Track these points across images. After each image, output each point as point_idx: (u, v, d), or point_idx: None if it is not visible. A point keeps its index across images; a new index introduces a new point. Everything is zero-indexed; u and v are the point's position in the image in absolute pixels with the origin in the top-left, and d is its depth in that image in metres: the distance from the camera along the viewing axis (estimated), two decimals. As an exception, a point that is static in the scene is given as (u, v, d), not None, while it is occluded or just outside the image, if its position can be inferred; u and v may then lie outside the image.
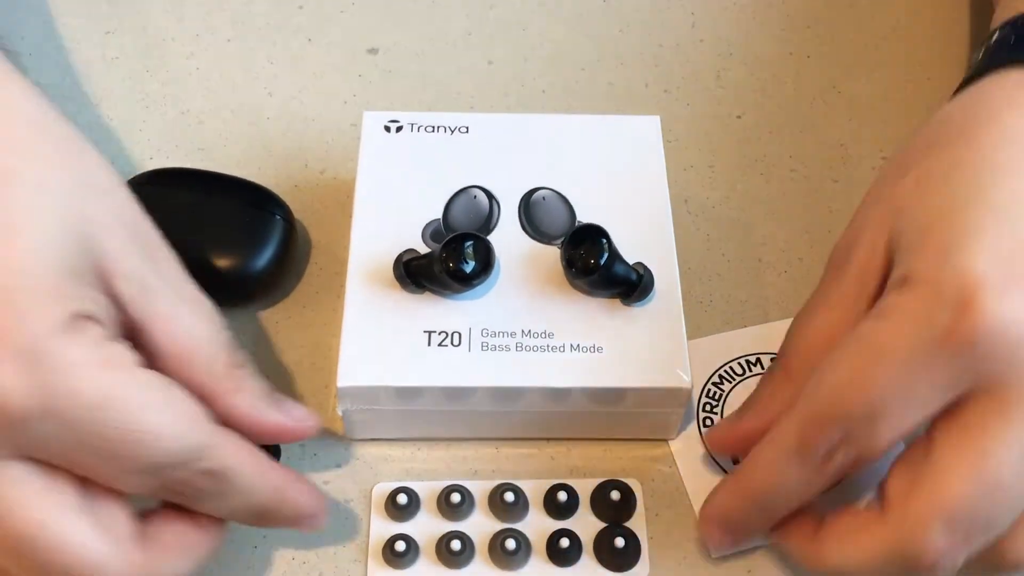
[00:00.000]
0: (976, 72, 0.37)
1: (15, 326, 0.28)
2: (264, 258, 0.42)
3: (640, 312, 0.39)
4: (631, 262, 0.39)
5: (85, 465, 0.30)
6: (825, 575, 0.34)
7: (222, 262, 0.41)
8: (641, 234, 0.40)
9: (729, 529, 0.36)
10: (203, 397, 0.32)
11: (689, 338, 0.39)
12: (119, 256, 0.31)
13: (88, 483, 0.31)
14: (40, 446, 0.29)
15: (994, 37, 0.38)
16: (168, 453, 0.30)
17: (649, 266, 0.39)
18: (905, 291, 0.32)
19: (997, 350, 0.30)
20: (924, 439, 0.32)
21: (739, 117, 0.50)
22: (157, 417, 0.30)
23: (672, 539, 0.38)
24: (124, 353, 0.31)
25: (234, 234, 0.42)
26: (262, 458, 0.34)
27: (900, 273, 0.32)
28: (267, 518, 0.34)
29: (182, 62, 0.52)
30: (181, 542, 0.33)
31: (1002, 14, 0.39)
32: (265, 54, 0.52)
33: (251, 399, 0.33)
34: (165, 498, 0.32)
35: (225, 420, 0.33)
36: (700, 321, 0.43)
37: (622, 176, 0.42)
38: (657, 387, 0.37)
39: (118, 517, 0.31)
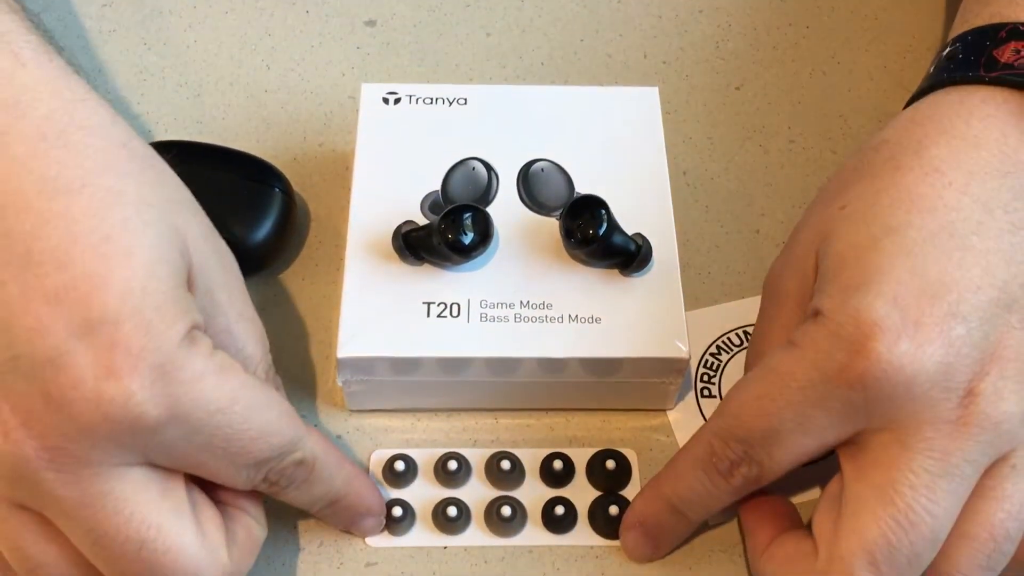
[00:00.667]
0: (922, 89, 0.37)
1: (146, 343, 0.29)
2: (263, 231, 0.42)
3: (638, 283, 0.39)
4: (630, 233, 0.39)
5: (201, 465, 0.32)
6: None
7: (222, 235, 0.41)
8: (640, 205, 0.40)
9: (647, 533, 0.37)
10: None
11: (687, 309, 0.39)
12: (201, 268, 0.33)
13: (191, 486, 0.32)
14: (164, 451, 0.31)
15: (946, 50, 0.38)
16: (274, 447, 0.32)
17: (648, 237, 0.39)
18: (813, 324, 0.33)
19: (887, 391, 0.31)
20: (838, 475, 0.33)
21: (738, 88, 0.50)
22: (266, 416, 0.32)
23: (670, 508, 0.39)
24: (230, 359, 0.32)
25: (234, 207, 0.42)
26: (337, 451, 0.36)
27: (814, 305, 0.33)
28: (338, 506, 0.36)
29: (180, 34, 0.51)
30: (249, 540, 0.34)
31: (958, 25, 0.38)
32: (263, 26, 0.52)
33: None
34: (259, 489, 0.34)
35: None
36: (698, 292, 0.44)
37: (621, 147, 0.42)
38: (655, 357, 0.38)
39: (214, 522, 0.33)
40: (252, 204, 0.42)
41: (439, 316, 0.38)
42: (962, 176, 0.33)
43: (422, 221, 0.40)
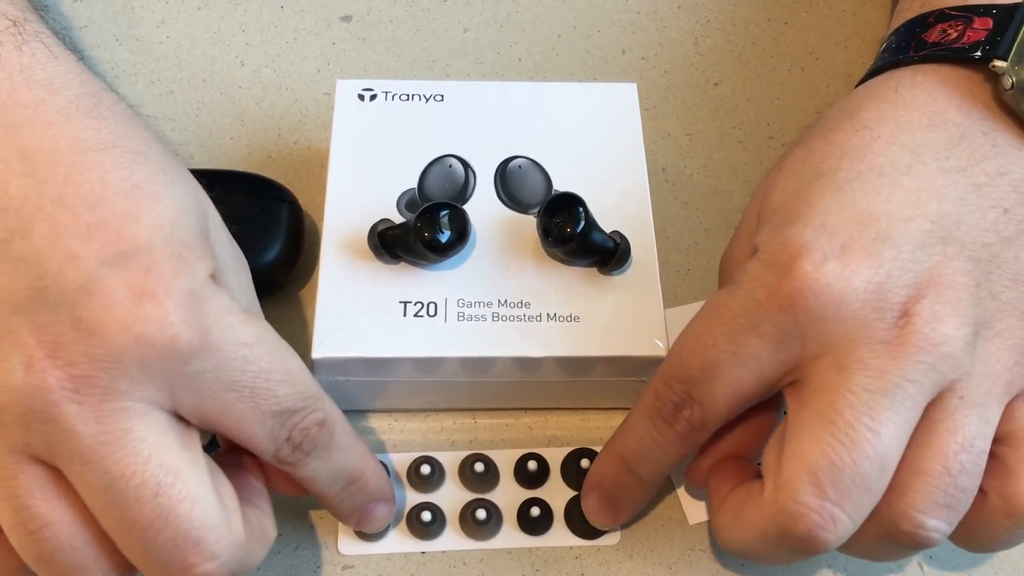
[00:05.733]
0: (860, 81, 0.38)
1: (179, 270, 0.30)
2: (274, 251, 0.41)
3: (617, 281, 0.38)
4: (608, 231, 0.39)
5: (227, 409, 0.31)
6: (725, 551, 0.35)
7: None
8: (618, 202, 0.40)
9: (606, 496, 0.37)
10: None
11: (666, 306, 0.39)
12: (217, 242, 0.33)
13: (208, 457, 0.32)
14: (192, 387, 0.30)
15: (883, 45, 0.39)
16: (299, 395, 0.32)
17: (626, 234, 0.39)
18: (749, 262, 0.33)
19: (816, 311, 0.31)
20: (786, 416, 0.33)
21: (716, 84, 0.50)
22: (291, 362, 0.32)
23: (647, 507, 0.39)
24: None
25: (244, 230, 0.40)
26: (350, 424, 0.35)
27: (751, 248, 0.34)
28: (356, 487, 0.35)
29: (152, 30, 0.51)
30: (261, 530, 0.33)
31: (894, 22, 0.40)
32: (237, 22, 0.51)
33: None
34: (283, 457, 0.33)
35: None
36: (677, 289, 0.43)
37: (599, 144, 0.42)
38: (634, 356, 0.37)
39: (230, 490, 0.32)
40: (262, 225, 0.41)
41: (416, 315, 0.37)
42: (890, 130, 0.34)
43: (398, 219, 0.39)
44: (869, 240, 0.31)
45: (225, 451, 0.34)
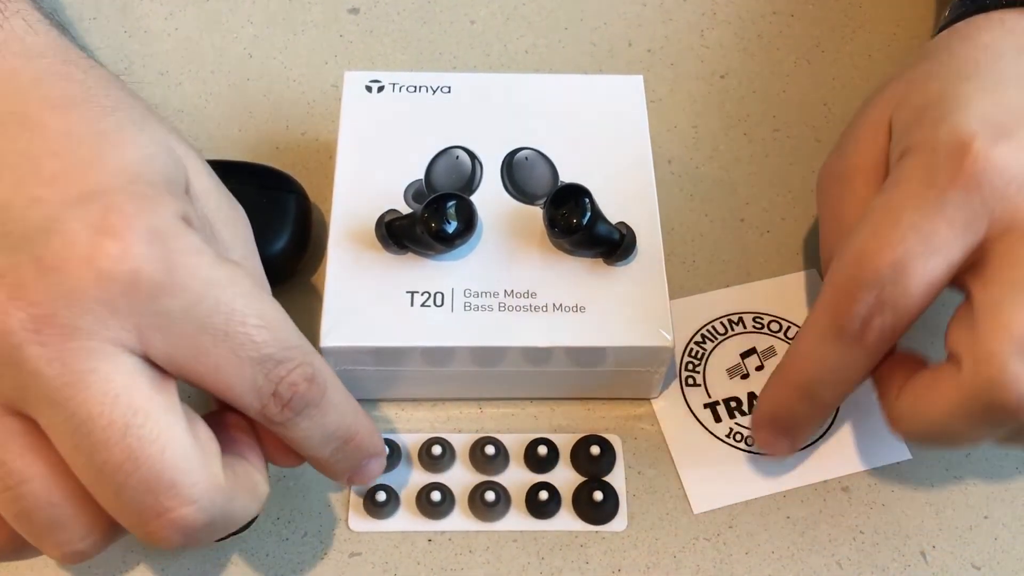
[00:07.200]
0: (941, 27, 0.39)
1: (142, 207, 0.29)
2: (282, 241, 0.41)
3: (623, 271, 0.39)
4: (614, 222, 0.39)
5: (202, 354, 0.29)
6: (906, 437, 0.35)
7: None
8: (624, 194, 0.40)
9: (780, 428, 0.36)
10: None
11: (672, 297, 0.39)
12: (200, 189, 0.33)
13: (187, 407, 0.30)
14: (162, 327, 0.29)
15: (953, 3, 0.39)
16: (280, 342, 0.30)
17: (632, 226, 0.39)
18: (906, 160, 0.34)
19: (1000, 188, 0.32)
20: (965, 300, 0.33)
21: (723, 77, 0.50)
22: (272, 308, 0.31)
23: (653, 496, 0.39)
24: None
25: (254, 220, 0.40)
26: (340, 381, 0.34)
27: (899, 150, 0.34)
28: (351, 446, 0.34)
29: (161, 23, 0.51)
30: (248, 482, 0.32)
31: None
32: (245, 14, 0.51)
33: None
34: (271, 414, 0.31)
35: None
36: (683, 280, 0.44)
37: (605, 136, 0.42)
38: (639, 346, 0.37)
39: (211, 437, 0.30)
40: (270, 215, 0.41)
41: (423, 305, 0.38)
42: (1013, 47, 0.35)
43: (405, 210, 0.39)
44: None
45: (214, 412, 0.33)
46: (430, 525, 0.38)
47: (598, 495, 0.38)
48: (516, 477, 0.39)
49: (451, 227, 0.38)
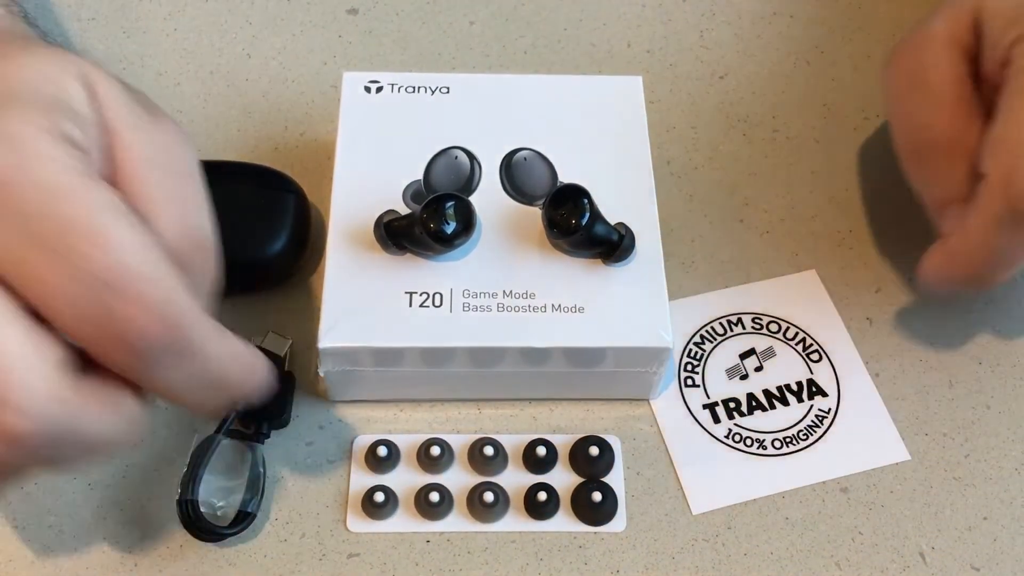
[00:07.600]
0: None
1: (5, 118, 0.27)
2: (281, 242, 0.41)
3: (622, 272, 0.39)
4: (613, 222, 0.39)
5: (32, 269, 0.27)
6: (946, 267, 0.38)
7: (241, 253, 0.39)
8: (623, 194, 0.40)
9: (949, 287, 0.39)
10: None
11: (671, 298, 0.39)
12: (115, 126, 0.30)
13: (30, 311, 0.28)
14: None
15: None
16: (120, 265, 0.27)
17: (631, 226, 0.39)
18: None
19: None
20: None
21: (722, 78, 0.50)
22: (115, 224, 0.27)
23: (652, 497, 0.39)
24: (96, 173, 0.29)
25: (250, 222, 0.39)
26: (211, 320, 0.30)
27: (1010, 38, 0.36)
28: (225, 392, 0.31)
29: (159, 23, 0.51)
30: (109, 399, 0.29)
31: None
32: (244, 14, 0.51)
33: None
34: (114, 357, 0.28)
35: None
36: (682, 281, 0.44)
37: (604, 137, 0.42)
38: (638, 347, 0.37)
39: (55, 343, 0.28)
40: (269, 216, 0.41)
41: (421, 306, 0.38)
42: None
43: (404, 211, 0.39)
44: None
45: None
46: (428, 526, 0.38)
47: (597, 496, 0.38)
48: (515, 478, 0.39)
49: (450, 228, 0.38)
